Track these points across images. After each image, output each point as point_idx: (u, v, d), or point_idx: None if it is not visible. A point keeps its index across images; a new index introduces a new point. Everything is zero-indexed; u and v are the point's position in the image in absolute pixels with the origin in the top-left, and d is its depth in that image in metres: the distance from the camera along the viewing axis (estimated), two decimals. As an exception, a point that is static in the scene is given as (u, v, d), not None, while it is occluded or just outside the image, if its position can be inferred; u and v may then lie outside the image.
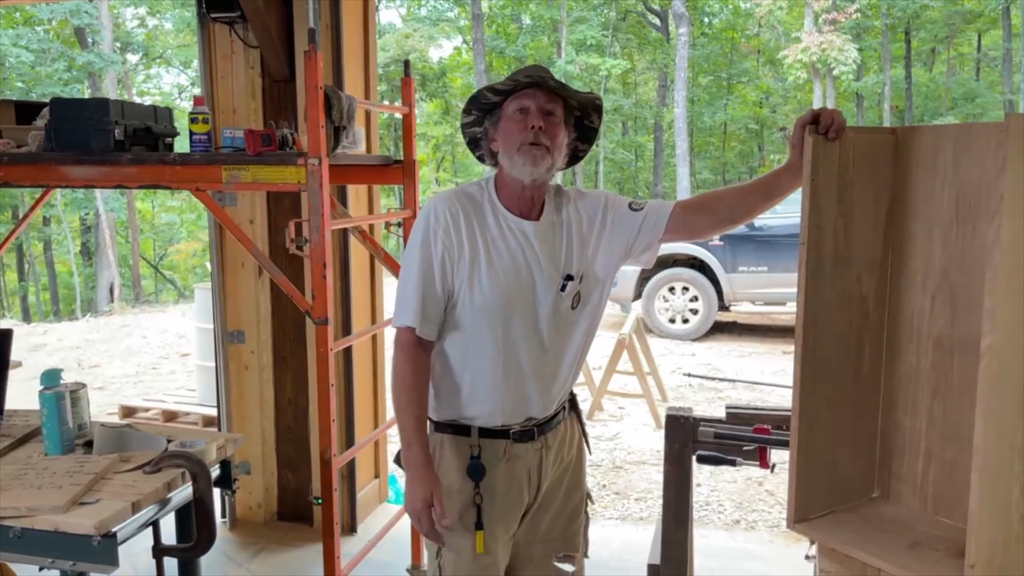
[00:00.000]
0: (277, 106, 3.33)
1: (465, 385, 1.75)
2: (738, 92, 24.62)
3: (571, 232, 1.78)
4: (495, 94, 1.73)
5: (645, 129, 25.01)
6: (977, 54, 24.90)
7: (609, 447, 5.14)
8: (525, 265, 1.72)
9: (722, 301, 8.12)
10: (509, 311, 1.71)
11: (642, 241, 1.82)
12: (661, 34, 24.22)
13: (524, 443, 1.78)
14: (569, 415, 1.91)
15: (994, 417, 1.25)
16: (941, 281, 1.52)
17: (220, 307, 3.49)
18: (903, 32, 22.95)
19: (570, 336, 1.78)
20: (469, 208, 1.74)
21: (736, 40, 24.33)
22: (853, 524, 1.55)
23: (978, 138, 1.45)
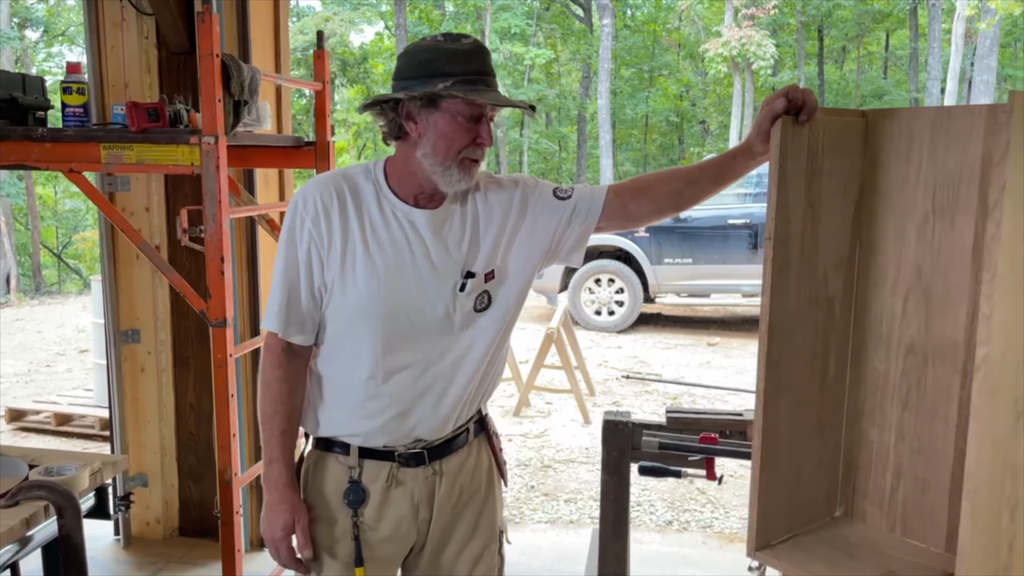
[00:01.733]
0: (176, 80, 3.00)
1: (344, 397, 1.52)
2: (659, 85, 24.87)
3: (477, 223, 1.53)
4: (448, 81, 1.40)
5: (568, 120, 25.02)
6: (885, 53, 25.82)
7: (537, 445, 4.97)
8: (411, 259, 1.48)
9: (647, 293, 8.08)
10: (391, 312, 1.47)
11: (572, 234, 1.58)
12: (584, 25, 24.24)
13: (412, 468, 1.53)
14: (476, 439, 1.63)
15: (987, 439, 1.10)
16: (914, 281, 1.38)
17: (112, 304, 3.14)
18: (816, 30, 23.59)
19: (473, 343, 1.52)
20: (346, 193, 1.49)
21: (658, 33, 24.56)
22: (819, 550, 1.40)
23: (958, 123, 1.31)
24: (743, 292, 7.90)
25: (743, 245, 7.72)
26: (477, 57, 1.44)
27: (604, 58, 20.00)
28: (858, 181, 1.42)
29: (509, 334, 1.60)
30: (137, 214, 3.09)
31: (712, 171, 1.56)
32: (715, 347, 7.64)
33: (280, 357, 1.51)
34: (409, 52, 1.46)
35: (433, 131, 1.43)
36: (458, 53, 1.42)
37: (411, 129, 1.45)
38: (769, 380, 1.35)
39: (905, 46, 23.81)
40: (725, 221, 7.79)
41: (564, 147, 25.42)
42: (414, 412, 1.51)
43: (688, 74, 24.45)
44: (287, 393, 1.52)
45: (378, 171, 1.52)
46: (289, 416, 1.52)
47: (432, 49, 1.43)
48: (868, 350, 1.44)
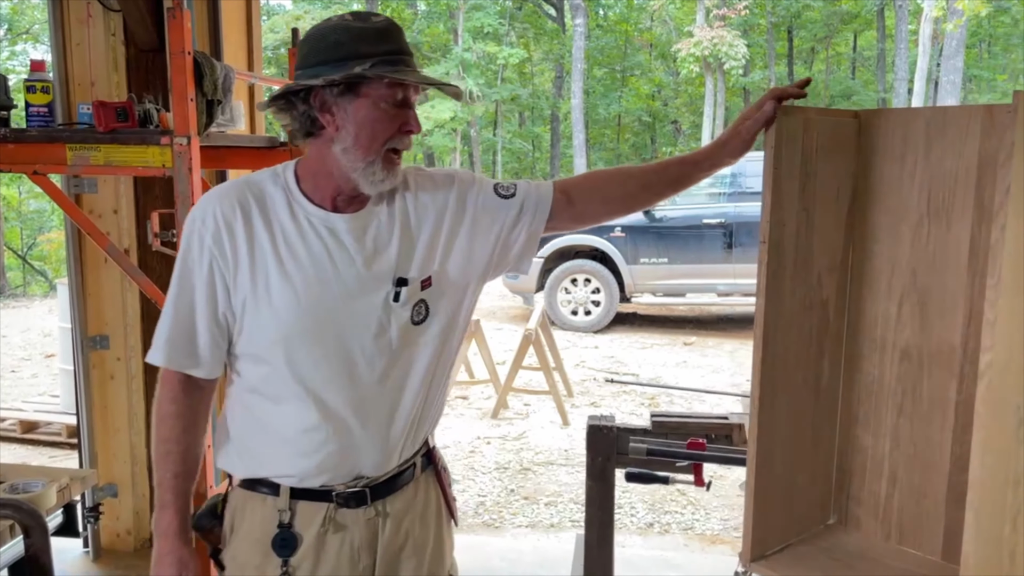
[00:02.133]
0: (144, 79, 2.92)
1: (271, 433, 1.33)
2: (632, 85, 24.94)
3: (408, 223, 1.35)
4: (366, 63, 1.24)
5: (542, 119, 25.00)
6: (853, 53, 26.13)
7: (516, 447, 4.93)
8: (334, 271, 1.30)
9: (623, 293, 8.08)
10: (316, 333, 1.29)
11: (520, 236, 1.42)
12: (557, 24, 24.23)
13: (352, 509, 1.35)
14: (424, 474, 1.44)
15: (991, 447, 1.07)
16: (909, 284, 1.36)
17: (79, 309, 3.05)
18: (786, 31, 23.81)
19: (414, 360, 1.35)
20: (251, 203, 1.31)
21: (630, 33, 24.62)
22: (816, 560, 1.37)
23: (954, 123, 1.29)
24: (718, 291, 7.92)
25: (718, 245, 7.74)
26: (393, 35, 1.29)
27: (577, 58, 20.01)
28: (851, 183, 1.39)
29: (455, 350, 1.44)
30: (105, 216, 2.99)
31: (672, 176, 1.46)
32: (691, 346, 7.65)
33: (177, 391, 1.34)
34: (315, 35, 1.28)
35: (353, 121, 1.26)
36: (372, 32, 1.26)
37: (327, 122, 1.27)
38: (764, 386, 1.32)
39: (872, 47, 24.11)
40: (700, 220, 7.80)
41: (538, 147, 25.40)
42: (355, 445, 1.33)
43: (660, 74, 24.55)
44: (182, 431, 1.35)
45: (288, 175, 1.34)
46: (184, 457, 1.35)
47: (342, 29, 1.26)
48: (862, 354, 1.42)
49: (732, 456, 1.79)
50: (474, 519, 3.89)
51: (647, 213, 7.90)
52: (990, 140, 1.24)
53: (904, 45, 19.50)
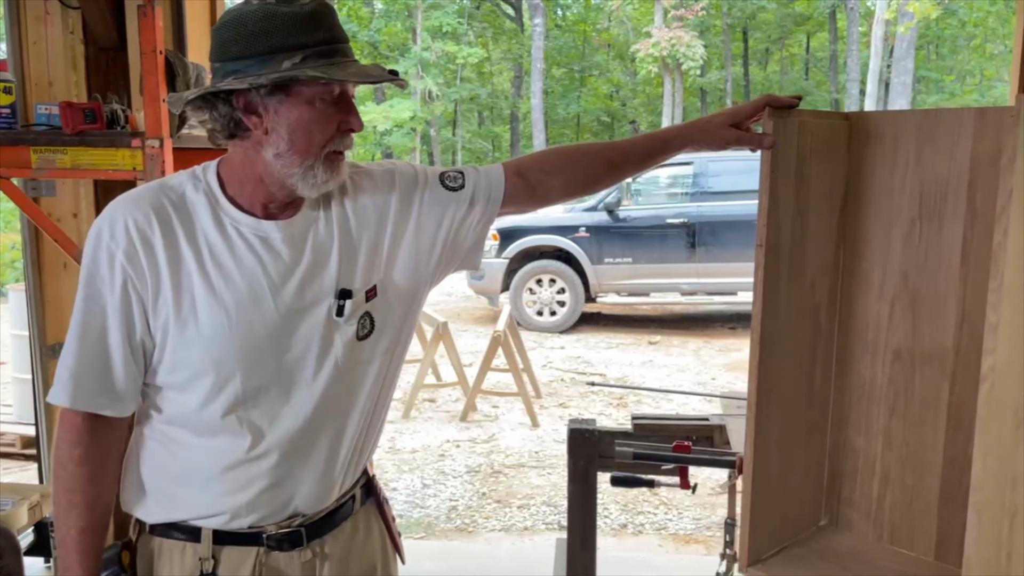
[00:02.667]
0: (105, 78, 2.82)
1: (194, 471, 1.18)
2: (591, 85, 25.08)
3: (348, 228, 1.22)
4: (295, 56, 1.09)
5: (501, 119, 25.03)
6: (806, 55, 26.63)
7: (486, 450, 4.90)
8: (269, 285, 1.16)
9: (588, 293, 8.10)
10: (250, 356, 1.15)
11: (471, 230, 1.31)
12: (516, 24, 24.26)
13: (286, 552, 1.21)
14: (364, 507, 1.32)
15: (993, 450, 1.08)
16: (900, 286, 1.36)
17: (37, 316, 2.94)
18: (741, 32, 24.17)
19: (359, 381, 1.23)
20: (170, 212, 1.15)
21: (588, 33, 24.76)
22: (811, 563, 1.37)
23: (943, 125, 1.29)
24: (682, 291, 8.00)
25: (681, 244, 7.81)
26: (324, 20, 1.12)
27: (536, 58, 20.06)
28: (843, 186, 1.39)
29: (400, 364, 1.32)
30: (64, 220, 2.89)
31: (639, 159, 1.38)
32: (656, 345, 7.70)
33: (81, 432, 1.16)
34: (233, 22, 1.10)
35: (285, 124, 1.12)
36: (300, 19, 1.10)
37: (253, 124, 1.12)
38: (761, 391, 1.31)
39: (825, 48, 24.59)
40: (663, 220, 7.87)
41: (497, 146, 25.40)
42: (292, 479, 1.20)
43: (618, 74, 24.73)
44: (88, 479, 1.17)
45: (210, 178, 1.19)
46: (92, 507, 1.17)
47: (265, 17, 1.09)
48: (854, 357, 1.42)
49: (719, 459, 1.79)
50: (447, 524, 3.86)
51: (611, 213, 7.94)
52: (982, 143, 1.25)
53: (856, 47, 19.93)
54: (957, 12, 20.12)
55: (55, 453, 1.18)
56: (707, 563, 2.67)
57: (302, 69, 1.09)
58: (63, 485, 1.17)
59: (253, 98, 1.11)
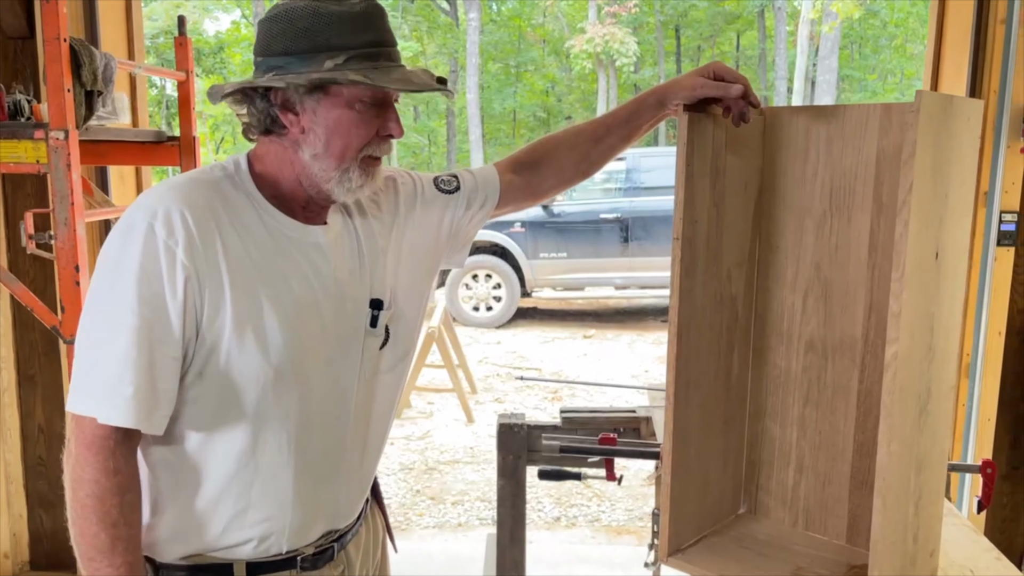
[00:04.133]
0: (13, 68, 2.69)
1: (227, 502, 1.10)
2: (526, 80, 25.12)
3: (370, 237, 1.20)
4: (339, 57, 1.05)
5: (437, 114, 24.87)
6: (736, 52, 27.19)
7: (421, 447, 4.87)
8: (324, 297, 1.12)
9: (524, 287, 8.12)
10: (304, 374, 1.10)
11: (465, 233, 1.35)
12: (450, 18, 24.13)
13: (319, 570, 1.18)
14: (371, 506, 1.34)
15: (897, 435, 1.11)
16: (813, 277, 1.39)
17: (-59, 317, 2.79)
18: (674, 29, 24.54)
19: (382, 393, 1.22)
20: (219, 209, 1.07)
21: (523, 28, 24.79)
22: (729, 550, 1.39)
23: (851, 121, 1.33)
24: (615, 285, 8.09)
25: (615, 239, 7.89)
26: (374, 21, 1.09)
27: (471, 52, 20.01)
28: (758, 179, 1.42)
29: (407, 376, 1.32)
30: (-32, 218, 2.76)
31: (620, 126, 1.37)
32: (591, 339, 7.77)
33: (117, 458, 1.03)
34: (281, 16, 1.07)
35: (323, 125, 1.08)
36: (348, 18, 1.06)
37: (290, 122, 1.09)
38: (679, 381, 1.33)
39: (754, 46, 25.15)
40: (597, 216, 7.94)
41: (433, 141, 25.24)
42: (330, 497, 1.18)
43: (554, 70, 24.83)
44: (132, 507, 1.05)
45: (243, 176, 1.13)
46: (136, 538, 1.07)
47: (313, 14, 1.05)
48: (770, 347, 1.45)
49: (643, 450, 1.81)
50: (380, 522, 3.82)
51: (545, 208, 7.97)
52: (887, 137, 1.29)
53: (783, 45, 20.45)
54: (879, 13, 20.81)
55: (81, 486, 1.03)
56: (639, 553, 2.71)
57: (343, 71, 1.04)
58: (104, 520, 1.03)
59: (291, 96, 1.07)
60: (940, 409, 1.24)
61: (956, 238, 1.20)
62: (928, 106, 1.05)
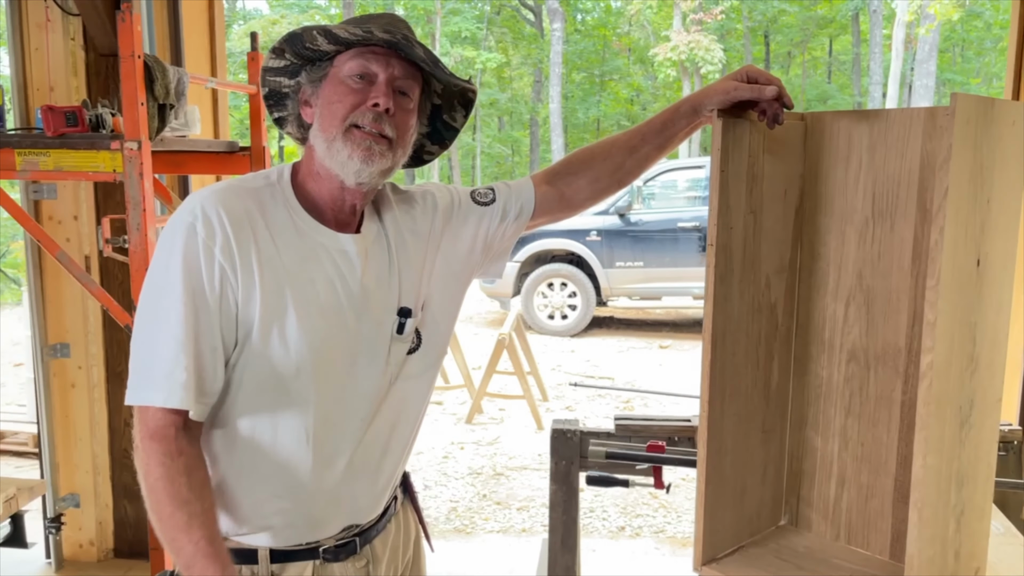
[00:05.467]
0: (104, 84, 2.89)
1: (250, 488, 1.17)
2: (610, 89, 25.06)
3: (402, 247, 1.25)
4: (330, 41, 1.13)
5: (521, 124, 25.07)
6: (829, 58, 26.41)
7: (489, 452, 4.92)
8: (348, 301, 1.17)
9: (600, 296, 8.10)
10: (325, 373, 1.15)
11: (501, 243, 1.38)
12: (535, 29, 24.31)
13: (342, 562, 1.23)
14: (403, 504, 1.38)
15: (934, 446, 1.08)
16: (855, 285, 1.36)
17: (39, 317, 3.01)
18: (763, 35, 24.03)
19: (408, 397, 1.26)
20: (256, 214, 1.14)
21: (608, 37, 24.75)
22: (766, 561, 1.37)
23: (895, 125, 1.29)
24: (693, 294, 7.96)
25: (693, 248, 7.78)
26: (381, 17, 1.16)
27: (555, 62, 20.09)
28: (798, 185, 1.39)
29: (435, 379, 1.35)
30: (65, 223, 2.96)
31: (654, 135, 1.39)
32: (667, 349, 7.67)
33: (180, 442, 1.09)
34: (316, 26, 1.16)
35: (322, 104, 1.16)
36: (356, 18, 1.16)
37: (308, 116, 1.19)
38: (713, 389, 1.31)
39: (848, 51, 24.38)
40: (675, 224, 7.85)
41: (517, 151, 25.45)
42: (349, 493, 1.22)
43: (638, 78, 24.69)
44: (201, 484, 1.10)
45: (284, 183, 1.20)
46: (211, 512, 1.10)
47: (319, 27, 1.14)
48: (811, 356, 1.42)
49: (688, 459, 1.79)
50: (445, 525, 3.88)
51: (623, 217, 7.93)
52: (931, 142, 1.25)
53: (879, 50, 19.75)
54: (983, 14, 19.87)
55: (151, 472, 1.08)
56: (695, 565, 2.66)
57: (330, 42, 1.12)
58: (175, 500, 1.07)
59: (307, 91, 1.18)
60: (984, 422, 1.20)
61: (1001, 245, 1.16)
62: (965, 110, 1.02)
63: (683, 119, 1.35)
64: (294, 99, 1.21)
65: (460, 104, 1.30)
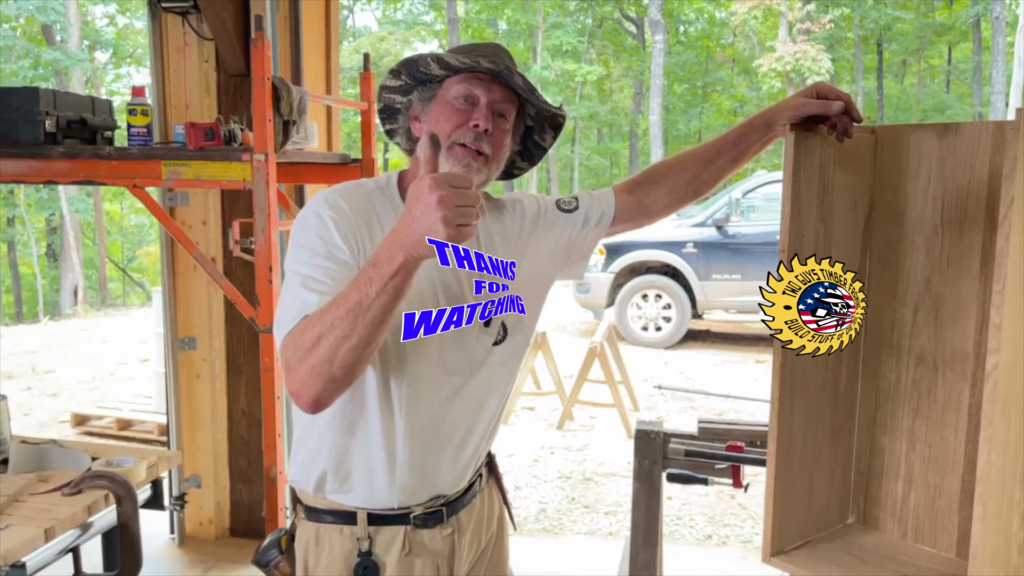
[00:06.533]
0: (233, 101, 3.18)
1: (349, 455, 1.31)
2: (713, 100, 24.73)
3: (493, 249, 1.38)
4: (441, 67, 1.29)
5: (620, 136, 25.05)
6: (948, 66, 25.24)
7: (579, 458, 5.01)
8: (443, 291, 1.31)
9: (695, 309, 8.06)
10: (417, 354, 1.28)
11: (583, 248, 1.50)
12: (637, 41, 24.29)
13: (430, 529, 1.36)
14: (488, 482, 1.51)
15: (998, 444, 1.13)
16: (923, 292, 1.42)
17: (171, 313, 3.32)
18: (875, 44, 23.21)
19: (493, 382, 1.39)
20: (370, 208, 1.30)
21: (711, 49, 24.46)
22: (832, 555, 1.43)
23: (964, 138, 1.35)
24: (793, 309, 7.81)
25: (793, 261, 7.64)
26: (487, 47, 1.33)
27: (656, 74, 20.02)
28: (868, 195, 1.46)
29: (519, 368, 1.48)
30: (195, 227, 3.26)
31: (729, 148, 1.48)
32: (764, 364, 7.57)
33: None
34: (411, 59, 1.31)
35: (430, 122, 1.31)
36: (463, 46, 1.33)
37: (416, 130, 1.34)
38: (783, 389, 1.39)
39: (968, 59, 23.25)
40: (774, 237, 7.71)
41: (616, 163, 25.43)
42: (437, 467, 1.35)
43: (742, 89, 24.28)
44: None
45: (392, 187, 1.35)
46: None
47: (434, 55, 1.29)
48: (879, 359, 1.48)
49: (762, 458, 1.85)
50: (534, 525, 4.00)
51: (720, 229, 7.89)
52: (1001, 154, 1.30)
53: (1001, 58, 18.75)
54: (1120, 18, 18.59)
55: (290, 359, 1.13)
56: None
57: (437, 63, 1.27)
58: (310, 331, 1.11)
59: (417, 108, 1.35)
60: (1048, 424, 1.23)
61: (1065, 253, 1.20)
62: (1026, 123, 1.08)
63: (756, 133, 1.45)
64: (405, 114, 1.37)
65: (550, 127, 1.44)
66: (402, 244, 1.07)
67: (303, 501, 1.37)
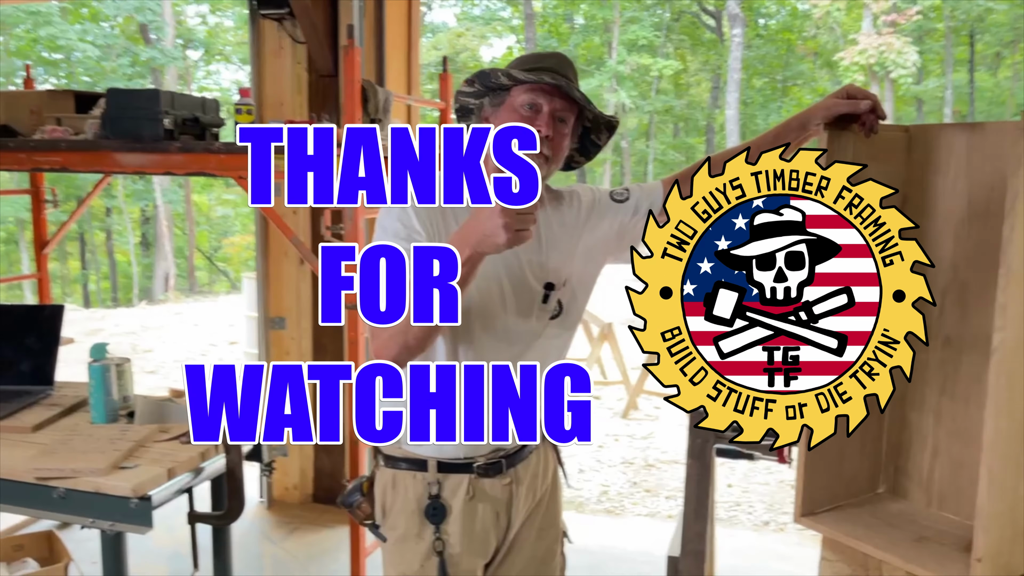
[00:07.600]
0: (321, 100, 3.44)
1: None
2: (793, 94, 24.22)
3: (551, 234, 1.56)
4: (509, 80, 1.46)
5: (696, 131, 24.79)
6: (1046, 59, 24.09)
7: (642, 446, 5.15)
8: (505, 270, 1.48)
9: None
10: (480, 323, 1.47)
11: (632, 232, 1.61)
12: (715, 35, 23.98)
13: (491, 478, 1.55)
14: (543, 443, 1.69)
15: (1003, 413, 1.26)
16: (951, 279, 1.53)
17: (263, 294, 3.61)
18: (967, 35, 22.34)
19: (548, 353, 1.56)
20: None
21: (792, 42, 23.94)
22: (859, 518, 1.57)
23: (991, 137, 1.46)
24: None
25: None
26: (551, 59, 1.49)
27: (733, 68, 19.78)
28: (902, 189, 1.58)
29: (572, 340, 1.65)
30: (286, 216, 3.53)
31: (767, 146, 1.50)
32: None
33: None
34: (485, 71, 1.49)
35: (497, 124, 1.46)
36: (528, 57, 1.50)
37: None
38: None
39: (1068, 51, 22.16)
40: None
41: (691, 158, 25.13)
42: None
43: (824, 83, 23.70)
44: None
45: None
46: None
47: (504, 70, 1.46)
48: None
49: (806, 435, 1.98)
50: (596, 506, 4.17)
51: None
52: (1021, 152, 1.41)
53: (1103, 49, 17.85)
54: None
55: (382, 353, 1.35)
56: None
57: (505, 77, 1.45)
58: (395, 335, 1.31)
59: (488, 112, 1.51)
60: (1053, 395, 1.35)
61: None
62: (1033, 126, 1.20)
63: (793, 132, 1.59)
64: (477, 115, 1.55)
65: (606, 128, 1.60)
66: (468, 241, 1.26)
67: (382, 450, 1.57)
